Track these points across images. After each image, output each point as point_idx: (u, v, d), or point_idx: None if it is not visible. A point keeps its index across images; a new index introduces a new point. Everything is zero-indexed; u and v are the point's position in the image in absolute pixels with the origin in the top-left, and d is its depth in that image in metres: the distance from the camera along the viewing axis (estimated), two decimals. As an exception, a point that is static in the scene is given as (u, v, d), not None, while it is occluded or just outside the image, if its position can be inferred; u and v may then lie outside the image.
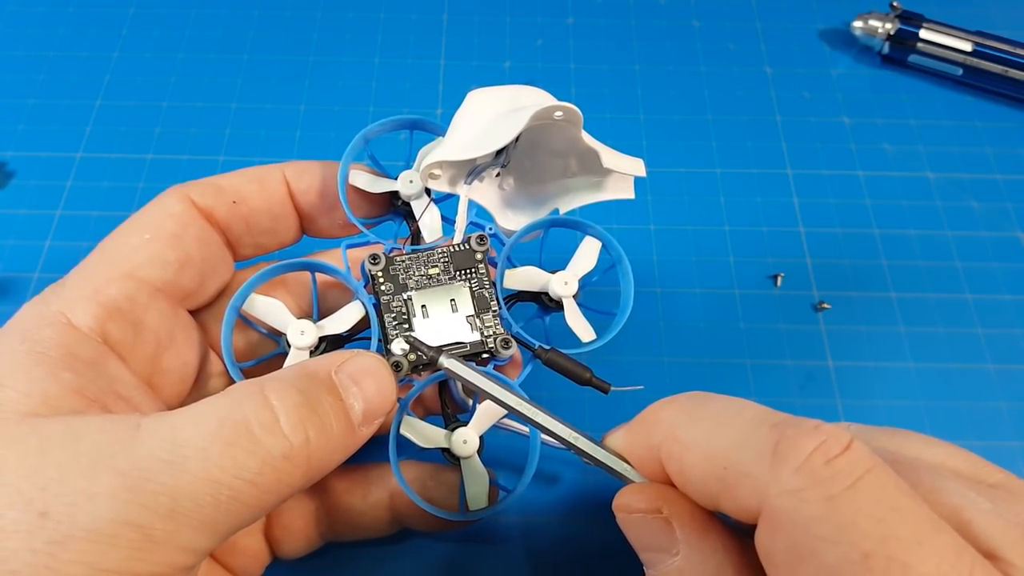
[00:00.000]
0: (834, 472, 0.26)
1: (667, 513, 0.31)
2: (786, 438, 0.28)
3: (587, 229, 0.43)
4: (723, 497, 0.29)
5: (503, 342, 0.39)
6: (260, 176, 0.42)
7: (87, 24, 0.69)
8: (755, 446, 0.28)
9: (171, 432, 0.30)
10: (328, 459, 0.33)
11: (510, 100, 0.40)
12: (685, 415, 0.33)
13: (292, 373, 0.33)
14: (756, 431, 0.29)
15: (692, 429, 0.32)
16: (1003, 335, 0.55)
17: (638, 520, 0.32)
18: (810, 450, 0.27)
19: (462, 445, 0.39)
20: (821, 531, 0.26)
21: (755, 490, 0.28)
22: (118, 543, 0.27)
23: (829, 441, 0.27)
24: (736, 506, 0.29)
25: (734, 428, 0.30)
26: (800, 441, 0.27)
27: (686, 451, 0.31)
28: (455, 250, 0.41)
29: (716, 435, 0.30)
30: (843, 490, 0.26)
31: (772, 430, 0.29)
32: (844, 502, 0.26)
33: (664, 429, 0.33)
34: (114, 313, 0.36)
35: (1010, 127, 0.65)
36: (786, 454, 0.27)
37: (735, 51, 0.69)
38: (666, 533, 0.31)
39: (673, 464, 0.32)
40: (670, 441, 0.32)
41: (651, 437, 0.33)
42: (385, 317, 0.39)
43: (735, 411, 0.31)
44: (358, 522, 0.43)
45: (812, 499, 0.26)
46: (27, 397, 0.31)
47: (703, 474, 0.30)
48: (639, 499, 0.33)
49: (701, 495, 0.31)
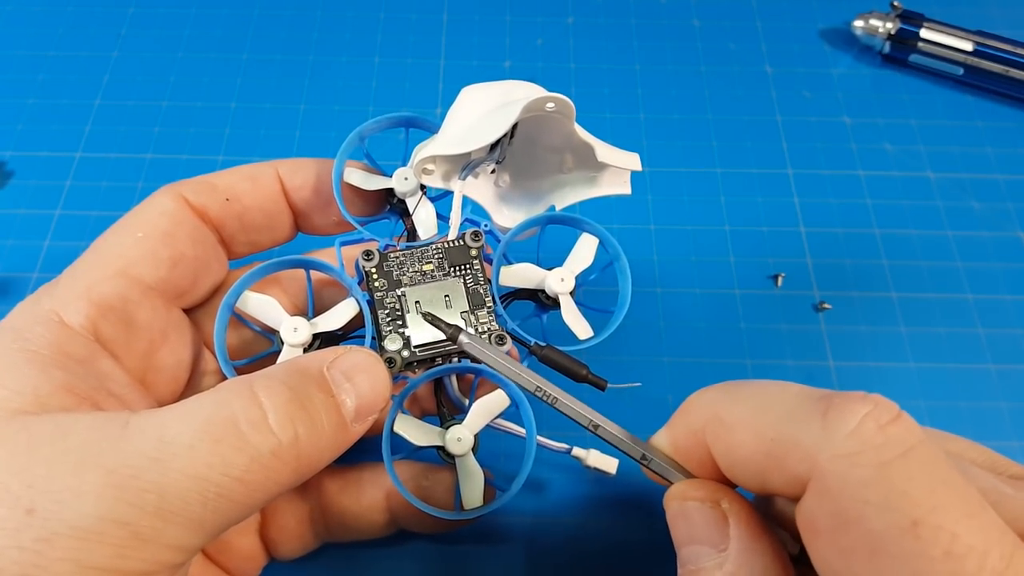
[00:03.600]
0: (887, 439, 0.26)
1: (726, 507, 0.32)
2: (835, 405, 0.28)
3: (584, 226, 0.42)
4: (771, 471, 0.29)
5: (498, 338, 0.39)
6: (253, 174, 0.42)
7: (87, 24, 0.69)
8: (804, 415, 0.29)
9: (159, 429, 0.30)
10: (319, 456, 0.33)
11: (503, 94, 0.40)
12: (727, 396, 0.33)
13: (283, 370, 0.33)
14: (803, 403, 0.29)
15: (736, 408, 0.32)
16: (1004, 335, 0.55)
17: (694, 508, 0.32)
18: (862, 415, 0.27)
19: (456, 443, 0.39)
20: (872, 496, 0.26)
21: (805, 457, 0.28)
22: (105, 540, 0.27)
23: (880, 408, 0.27)
24: (785, 477, 0.29)
25: (780, 402, 0.30)
26: (851, 406, 0.27)
27: (732, 430, 0.31)
28: (449, 246, 0.41)
29: (762, 410, 0.31)
30: (895, 457, 0.26)
31: (820, 400, 0.29)
32: (896, 469, 0.26)
33: (706, 413, 0.33)
34: (106, 311, 0.35)
35: (1011, 127, 0.64)
36: (837, 419, 0.27)
37: (735, 51, 0.69)
38: (719, 527, 0.31)
39: (719, 445, 0.32)
40: (714, 423, 0.32)
41: (693, 423, 0.33)
42: (379, 314, 0.39)
43: (778, 389, 0.31)
44: (353, 523, 0.42)
45: (864, 464, 0.26)
46: (18, 395, 0.31)
47: (751, 450, 0.30)
48: (699, 489, 0.33)
49: (747, 473, 0.31)
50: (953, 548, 0.24)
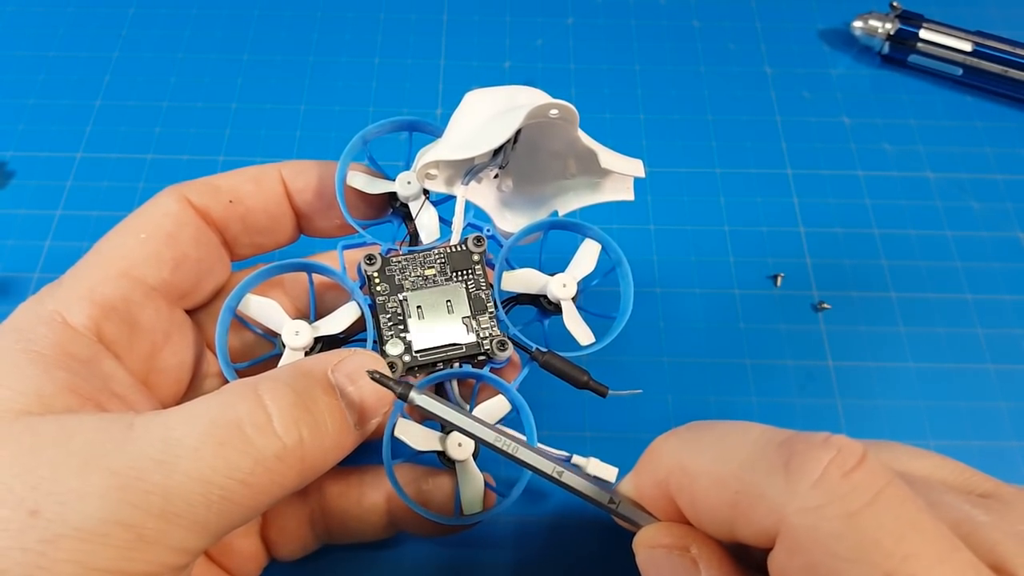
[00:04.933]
0: (852, 487, 0.26)
1: (695, 553, 0.31)
2: (798, 453, 0.27)
3: (586, 231, 0.43)
4: (737, 522, 0.29)
5: (499, 344, 0.39)
6: (257, 175, 0.42)
7: (87, 24, 0.69)
8: (766, 464, 0.28)
9: (164, 431, 0.30)
10: (323, 459, 0.33)
11: (507, 100, 0.40)
12: (689, 444, 0.32)
13: (287, 372, 0.33)
14: (764, 449, 0.28)
15: (698, 457, 0.31)
16: (1003, 335, 0.55)
17: (662, 556, 0.31)
18: (825, 463, 0.26)
19: (457, 448, 0.39)
20: (842, 550, 0.25)
21: (770, 510, 0.27)
22: (109, 542, 0.27)
23: (843, 453, 0.26)
24: (752, 530, 0.28)
25: (741, 449, 0.29)
26: (813, 454, 0.27)
27: (695, 480, 0.30)
28: (452, 251, 0.41)
29: (724, 459, 0.30)
30: (863, 506, 0.25)
31: (781, 447, 0.28)
32: (865, 519, 0.25)
33: (669, 462, 0.32)
34: (109, 312, 0.36)
35: (1010, 127, 0.64)
36: (800, 469, 0.26)
37: (735, 51, 0.69)
38: (688, 571, 0.30)
39: (684, 496, 0.31)
40: (678, 473, 0.31)
41: (657, 473, 0.32)
42: (380, 318, 0.39)
43: (739, 432, 0.30)
44: (354, 525, 0.43)
45: (832, 516, 0.25)
46: (21, 396, 0.31)
47: (715, 501, 0.29)
48: (666, 536, 0.32)
49: (715, 524, 0.30)
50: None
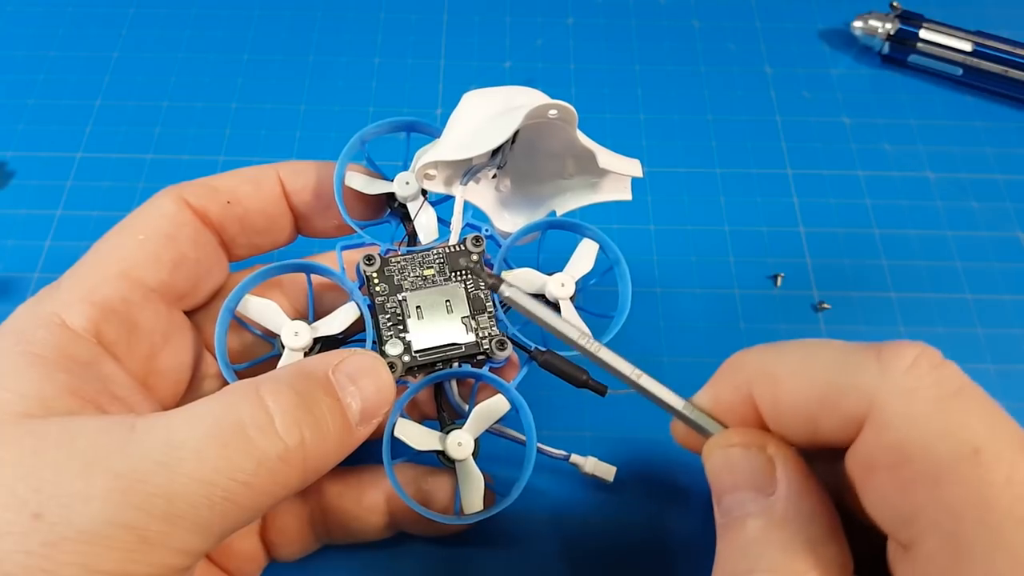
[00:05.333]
0: (942, 376, 0.28)
1: (771, 451, 0.32)
2: (887, 347, 0.29)
3: (584, 231, 0.43)
4: (823, 416, 0.30)
5: (498, 343, 0.39)
6: (255, 176, 0.42)
7: (87, 24, 0.69)
8: (857, 359, 0.29)
9: (166, 433, 0.30)
10: (324, 460, 0.33)
11: (505, 100, 0.40)
12: (772, 352, 0.33)
13: (288, 373, 0.33)
14: (853, 350, 0.30)
15: (784, 360, 0.32)
16: (1003, 335, 0.55)
17: (739, 455, 0.33)
18: (915, 356, 0.28)
19: (457, 448, 0.39)
20: (932, 427, 0.27)
21: (862, 397, 0.29)
22: (112, 545, 0.27)
23: (928, 352, 0.29)
24: (839, 420, 0.29)
25: (828, 351, 0.31)
26: (903, 350, 0.29)
27: (782, 380, 0.32)
28: (451, 251, 0.41)
29: (812, 359, 0.31)
30: (951, 393, 0.28)
31: (869, 347, 0.30)
32: (954, 403, 0.27)
33: (752, 368, 0.33)
34: (108, 313, 0.36)
35: (1010, 127, 0.64)
36: (893, 359, 0.28)
37: (735, 51, 0.69)
38: (766, 471, 0.32)
39: (767, 398, 0.32)
40: (761, 377, 0.33)
41: (738, 379, 0.34)
42: (380, 318, 0.39)
43: (822, 343, 0.32)
44: (353, 525, 0.43)
45: (924, 398, 0.27)
46: (22, 398, 0.31)
47: (803, 397, 0.31)
48: (743, 436, 0.33)
49: (798, 421, 0.31)
50: (1014, 475, 0.26)
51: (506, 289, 0.34)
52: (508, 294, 0.34)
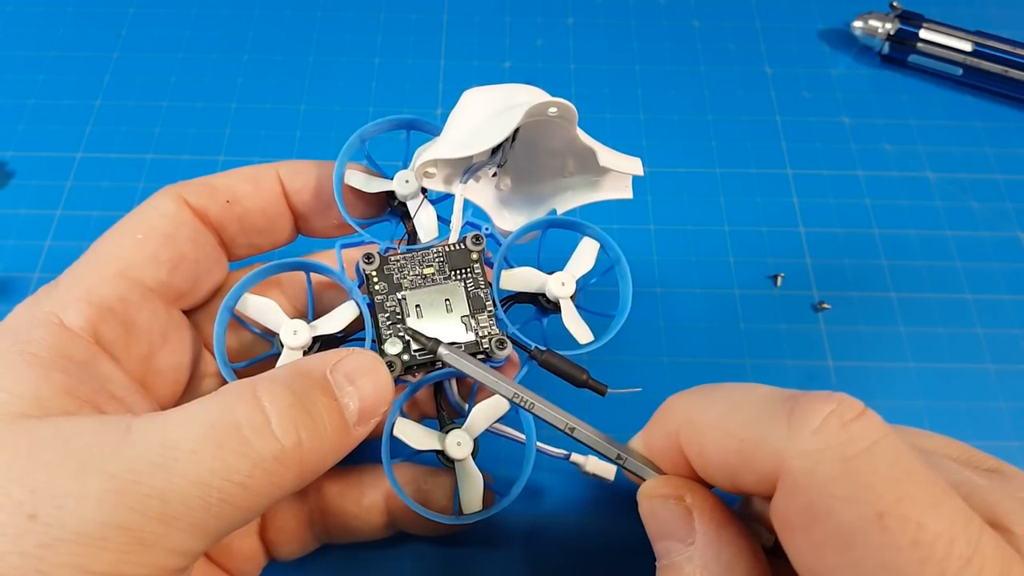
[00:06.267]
0: (850, 435, 0.27)
1: (689, 502, 0.33)
2: (800, 405, 0.29)
3: (585, 230, 0.42)
4: (742, 470, 0.30)
5: (498, 342, 0.39)
6: (254, 176, 0.42)
7: (87, 24, 0.69)
8: (770, 416, 0.29)
9: (161, 434, 0.29)
10: (321, 460, 0.33)
11: (505, 98, 0.40)
12: (700, 400, 0.34)
13: (285, 373, 0.33)
14: (770, 404, 0.30)
15: (708, 411, 0.33)
16: (1003, 335, 0.55)
17: (660, 504, 0.33)
18: (825, 414, 0.28)
19: (456, 447, 0.39)
20: (837, 490, 0.27)
21: (772, 456, 0.28)
22: (107, 546, 0.27)
23: (843, 406, 0.28)
24: (754, 476, 0.30)
25: (749, 404, 0.31)
26: (815, 406, 0.28)
27: (704, 432, 0.32)
28: (450, 250, 0.41)
29: (732, 412, 0.31)
30: (859, 452, 0.27)
31: (785, 401, 0.30)
32: (860, 463, 0.27)
33: (680, 416, 0.34)
34: (106, 313, 0.35)
35: (1010, 127, 0.64)
36: (802, 419, 0.28)
37: (735, 51, 0.69)
38: (685, 521, 0.32)
39: (693, 447, 0.33)
40: (688, 426, 0.33)
41: (668, 426, 0.34)
42: (379, 317, 0.39)
43: (746, 391, 0.32)
44: (353, 525, 0.42)
45: (829, 460, 0.27)
46: (18, 398, 0.31)
47: (722, 450, 0.31)
48: (664, 486, 0.34)
49: (720, 473, 0.32)
50: (920, 536, 0.25)
51: (443, 351, 0.36)
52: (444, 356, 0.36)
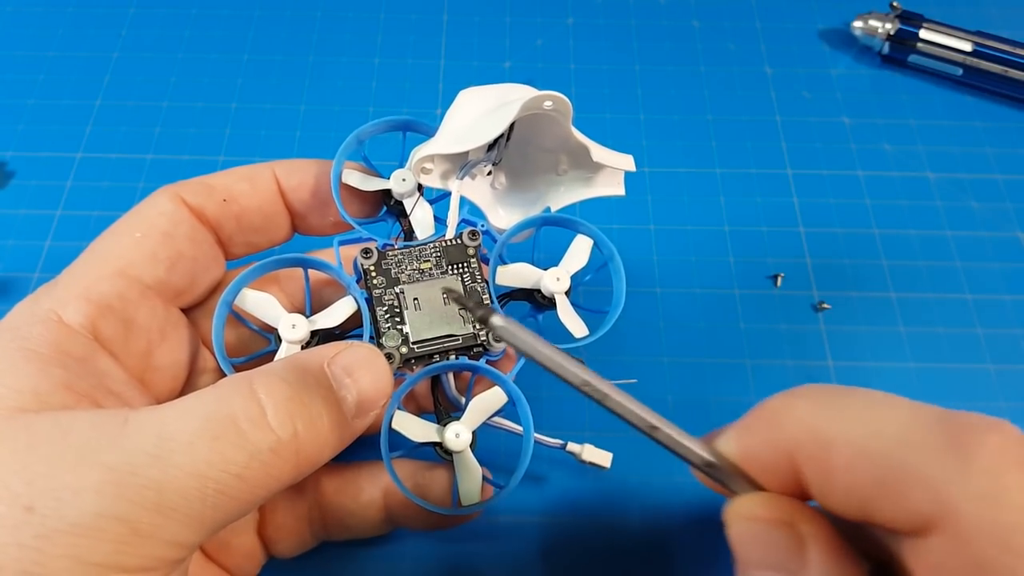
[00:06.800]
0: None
1: (804, 530, 0.28)
2: (966, 432, 0.25)
3: (579, 227, 0.43)
4: (883, 502, 0.26)
5: (495, 335, 0.39)
6: (250, 175, 0.42)
7: (87, 24, 0.69)
8: (928, 442, 0.25)
9: (158, 426, 0.30)
10: (319, 453, 0.33)
11: (500, 97, 0.41)
12: (827, 410, 0.29)
13: (282, 366, 0.33)
14: (924, 424, 0.26)
15: (840, 424, 0.28)
16: (1003, 335, 0.55)
17: (763, 530, 0.29)
18: (998, 444, 0.24)
19: (454, 439, 0.39)
20: (1021, 543, 0.23)
21: (933, 495, 0.25)
22: (104, 537, 0.27)
23: (1012, 435, 0.25)
24: (902, 512, 0.26)
25: (895, 420, 0.27)
26: (986, 437, 0.25)
27: (835, 449, 0.27)
28: (447, 245, 0.41)
29: (873, 431, 0.27)
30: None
31: (943, 423, 0.26)
32: None
33: (801, 427, 0.29)
34: (105, 310, 0.36)
35: (1010, 127, 0.64)
36: (973, 451, 0.24)
37: (735, 51, 0.69)
38: (794, 551, 0.28)
39: (816, 467, 0.28)
40: (811, 441, 0.28)
41: (780, 436, 0.29)
42: (377, 311, 0.39)
43: (888, 403, 0.28)
44: (351, 521, 0.42)
45: (1012, 507, 0.23)
46: (17, 393, 0.31)
47: (859, 476, 0.27)
48: (770, 508, 0.30)
49: (850, 500, 0.27)
50: None
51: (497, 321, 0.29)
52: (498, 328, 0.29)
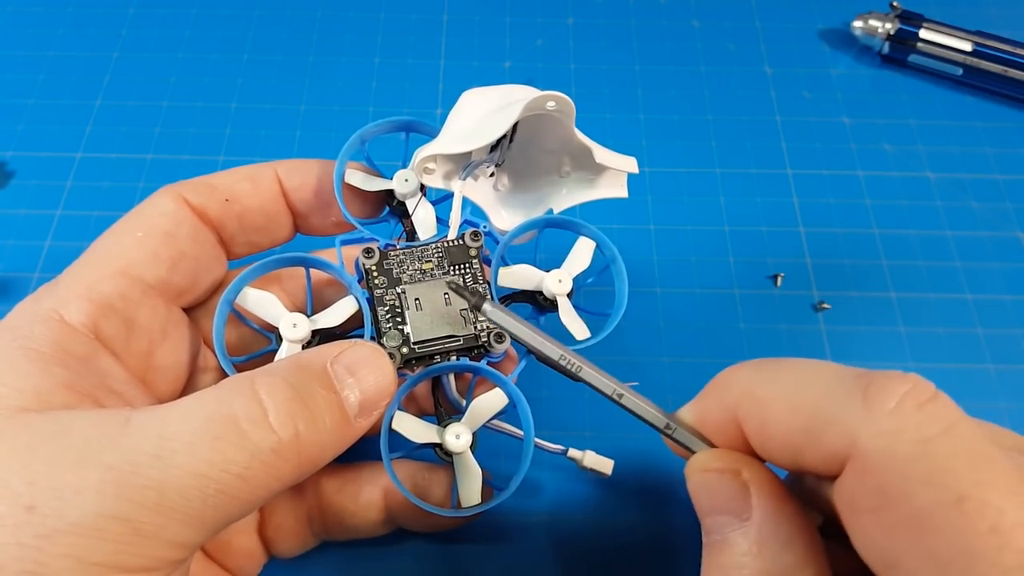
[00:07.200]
0: (927, 416, 0.26)
1: (746, 476, 0.32)
2: (875, 383, 0.28)
3: (581, 229, 0.43)
4: (807, 448, 0.29)
5: (496, 336, 0.39)
6: (253, 174, 0.42)
7: (87, 24, 0.69)
8: (843, 393, 0.28)
9: (159, 426, 0.30)
10: (320, 453, 0.33)
11: (503, 97, 0.41)
12: (763, 373, 0.33)
13: (284, 366, 0.33)
14: (842, 380, 0.29)
15: (772, 385, 0.31)
16: (1003, 335, 0.55)
17: (714, 479, 0.32)
18: (901, 394, 0.27)
19: (455, 440, 0.39)
20: (914, 472, 0.26)
21: (844, 435, 0.28)
22: (105, 537, 0.27)
23: (918, 387, 0.27)
24: (822, 454, 0.29)
25: (818, 379, 0.30)
26: (890, 385, 0.27)
27: (768, 406, 0.31)
28: (449, 245, 0.41)
29: (799, 387, 0.30)
30: (936, 434, 0.26)
31: (858, 379, 0.29)
32: (939, 445, 0.26)
33: (740, 389, 0.33)
34: (106, 310, 0.36)
35: (1010, 127, 0.64)
36: (877, 397, 0.27)
37: (735, 51, 0.69)
38: (741, 496, 0.31)
39: (753, 422, 0.32)
40: (748, 399, 0.32)
41: (725, 399, 0.33)
42: (378, 311, 0.39)
43: (814, 367, 0.31)
44: (351, 522, 0.42)
45: (906, 441, 0.26)
46: (19, 393, 0.31)
47: (787, 426, 0.30)
48: (719, 460, 0.33)
49: (782, 449, 0.31)
50: (999, 523, 0.24)
51: (488, 307, 0.35)
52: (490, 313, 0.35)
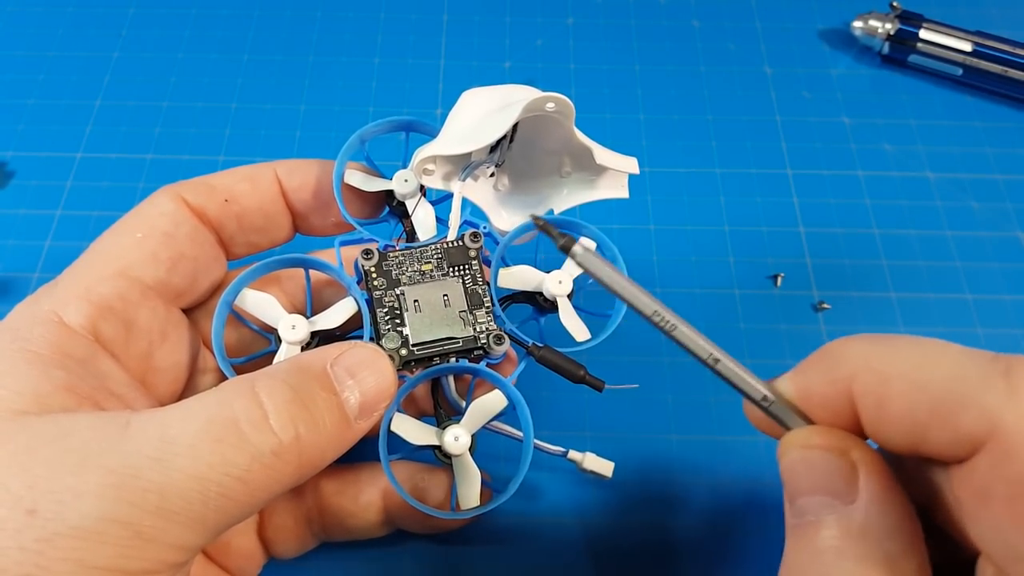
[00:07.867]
0: None
1: (855, 456, 0.30)
2: (1018, 363, 0.26)
3: (581, 230, 0.42)
4: (933, 428, 0.28)
5: (496, 338, 0.39)
6: (252, 175, 0.42)
7: (87, 24, 0.69)
8: (979, 375, 0.27)
9: (160, 429, 0.30)
10: (320, 455, 0.33)
11: (503, 98, 0.41)
12: (883, 348, 0.30)
13: (284, 368, 0.33)
14: (974, 361, 0.28)
15: (895, 359, 0.29)
16: (1003, 335, 0.55)
17: (817, 457, 0.30)
18: None
19: (454, 442, 0.39)
20: None
21: (982, 417, 0.26)
22: (106, 540, 0.27)
23: None
24: (952, 437, 0.27)
25: (948, 358, 0.28)
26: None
27: (891, 382, 0.29)
28: (449, 246, 0.41)
29: (926, 364, 0.28)
30: None
31: (995, 361, 0.27)
32: None
33: (856, 362, 0.30)
34: (106, 311, 0.36)
35: (1010, 127, 0.64)
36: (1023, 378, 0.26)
37: (735, 51, 0.69)
38: (846, 478, 0.29)
39: (870, 398, 0.29)
40: (867, 373, 0.30)
41: (836, 371, 0.31)
42: (377, 312, 0.39)
43: (938, 344, 0.29)
44: (350, 523, 0.43)
45: None
46: (18, 395, 0.31)
47: (911, 404, 0.28)
48: (823, 437, 0.31)
49: (902, 429, 0.29)
50: None
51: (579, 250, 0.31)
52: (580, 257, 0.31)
